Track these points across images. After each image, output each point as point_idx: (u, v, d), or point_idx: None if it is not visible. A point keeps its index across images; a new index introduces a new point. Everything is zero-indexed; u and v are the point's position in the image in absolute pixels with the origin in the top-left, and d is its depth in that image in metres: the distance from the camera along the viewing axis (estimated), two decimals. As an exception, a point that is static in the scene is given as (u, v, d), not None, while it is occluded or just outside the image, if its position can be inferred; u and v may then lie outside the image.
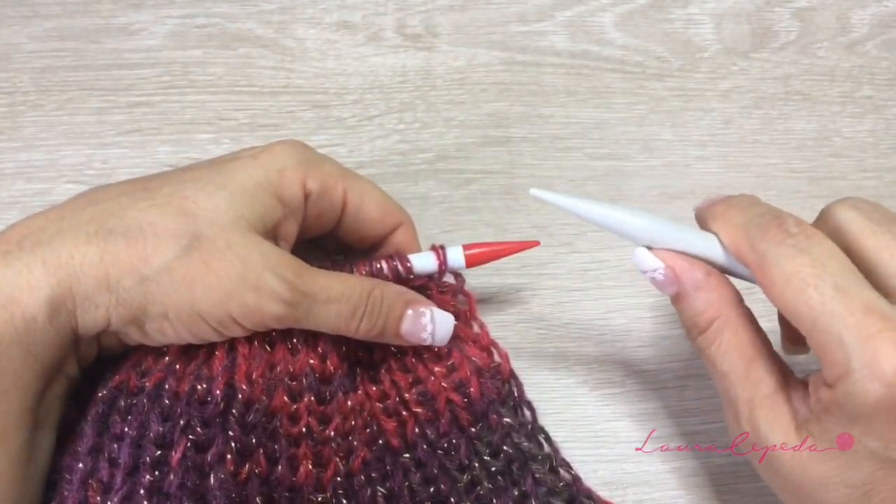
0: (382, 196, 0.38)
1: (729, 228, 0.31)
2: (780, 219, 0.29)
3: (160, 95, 0.49)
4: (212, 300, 0.32)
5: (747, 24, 0.53)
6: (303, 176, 0.35)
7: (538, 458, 0.37)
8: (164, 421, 0.33)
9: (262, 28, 0.51)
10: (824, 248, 0.28)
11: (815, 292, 0.27)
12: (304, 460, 0.34)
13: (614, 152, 0.49)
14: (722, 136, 0.50)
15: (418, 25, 0.52)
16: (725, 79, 0.51)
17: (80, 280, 0.31)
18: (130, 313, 0.32)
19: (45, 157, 0.48)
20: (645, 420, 0.42)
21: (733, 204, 0.32)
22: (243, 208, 0.33)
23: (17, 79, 0.49)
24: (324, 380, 0.36)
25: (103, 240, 0.31)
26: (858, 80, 0.52)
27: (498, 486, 0.36)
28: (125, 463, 0.32)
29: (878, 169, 0.49)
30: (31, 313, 0.30)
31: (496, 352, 0.39)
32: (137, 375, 0.35)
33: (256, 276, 0.32)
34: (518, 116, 0.50)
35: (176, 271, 0.31)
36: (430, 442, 0.36)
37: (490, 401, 0.37)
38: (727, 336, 0.31)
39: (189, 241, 0.31)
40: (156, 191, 0.33)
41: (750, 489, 0.41)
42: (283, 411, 0.34)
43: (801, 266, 0.27)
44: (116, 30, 0.51)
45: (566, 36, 0.52)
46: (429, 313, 0.36)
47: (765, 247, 0.29)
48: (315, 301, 0.33)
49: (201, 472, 0.32)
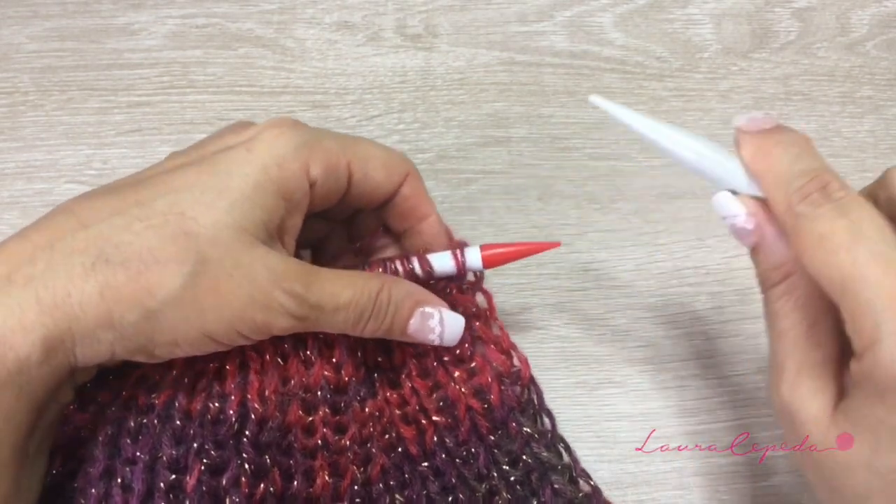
0: (384, 154, 0.36)
1: (769, 178, 0.28)
2: (823, 180, 0.27)
3: (160, 95, 0.49)
4: (221, 323, 0.30)
5: (747, 24, 0.53)
6: (304, 163, 0.33)
7: (557, 468, 0.36)
8: (177, 444, 0.32)
9: (262, 28, 0.51)
10: (864, 213, 0.26)
11: (847, 255, 0.25)
12: (321, 472, 0.34)
13: (614, 152, 0.49)
14: (722, 136, 0.50)
15: (418, 25, 0.52)
16: (725, 79, 0.51)
17: (80, 319, 0.29)
18: (136, 345, 0.30)
19: (45, 157, 0.48)
20: (645, 420, 0.42)
21: (780, 145, 0.29)
22: (244, 219, 0.31)
23: (17, 79, 0.49)
24: (338, 390, 0.35)
25: (101, 272, 0.29)
26: (858, 80, 0.52)
27: (517, 496, 0.35)
28: (139, 490, 0.31)
29: (878, 169, 0.48)
30: (25, 354, 0.28)
31: (515, 356, 0.38)
32: (145, 392, 0.34)
33: (265, 294, 0.31)
34: (518, 116, 0.50)
35: (183, 300, 0.30)
36: (449, 450, 0.36)
37: (510, 408, 0.36)
38: (798, 293, 0.29)
39: (193, 267, 0.30)
40: (149, 206, 0.30)
41: (750, 489, 0.41)
42: (297, 425, 0.34)
43: (836, 228, 0.26)
44: (116, 30, 0.51)
45: (566, 36, 0.52)
46: (437, 315, 0.35)
47: (802, 209, 0.27)
48: (324, 312, 0.32)
49: (216, 497, 0.32)
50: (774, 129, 0.30)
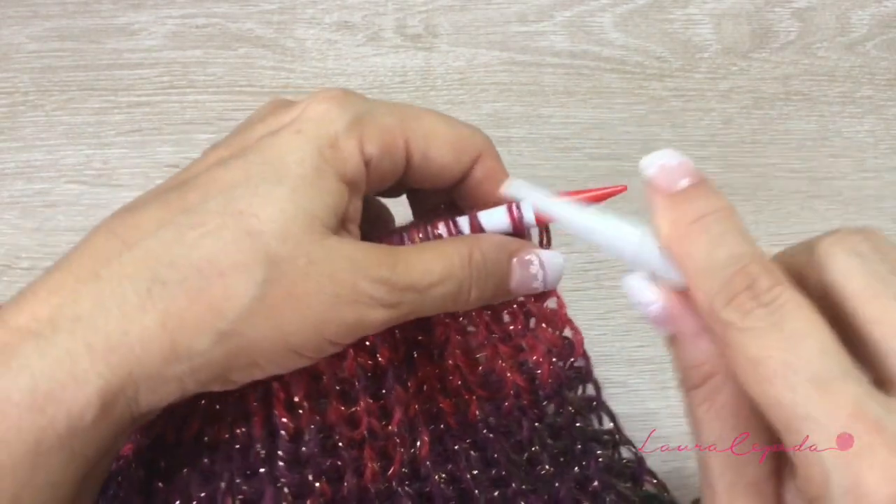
0: (451, 132, 0.31)
1: (687, 269, 0.24)
2: (749, 276, 0.23)
3: (160, 95, 0.49)
4: (305, 332, 0.26)
5: (747, 24, 0.53)
6: (358, 140, 0.28)
7: (601, 437, 0.35)
8: (206, 482, 0.29)
9: (262, 28, 0.51)
10: (801, 321, 0.22)
11: (786, 387, 0.21)
12: (369, 462, 0.31)
13: (614, 152, 0.49)
14: (722, 136, 0.50)
15: (418, 25, 0.52)
16: (725, 79, 0.51)
17: (142, 360, 0.25)
18: (211, 375, 0.26)
19: (45, 157, 0.48)
20: (645, 420, 0.42)
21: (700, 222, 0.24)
22: (313, 206, 0.26)
23: (17, 79, 0.49)
24: (377, 375, 0.32)
25: (159, 299, 0.25)
26: (858, 80, 0.52)
27: (560, 466, 0.33)
28: None
29: (878, 169, 0.49)
30: (78, 412, 0.24)
31: (570, 329, 0.35)
32: (174, 427, 0.31)
33: (351, 288, 0.26)
34: (518, 116, 0.49)
35: (258, 314, 0.25)
36: (491, 424, 0.33)
37: (559, 384, 0.34)
38: (722, 399, 0.25)
39: (264, 273, 0.25)
40: (200, 209, 0.26)
41: (750, 489, 0.41)
42: (340, 420, 0.31)
43: (770, 349, 0.21)
44: (116, 30, 0.51)
45: (566, 36, 0.52)
46: (536, 259, 0.31)
47: (728, 316, 0.22)
48: (419, 292, 0.28)
49: None
50: (691, 191, 0.25)
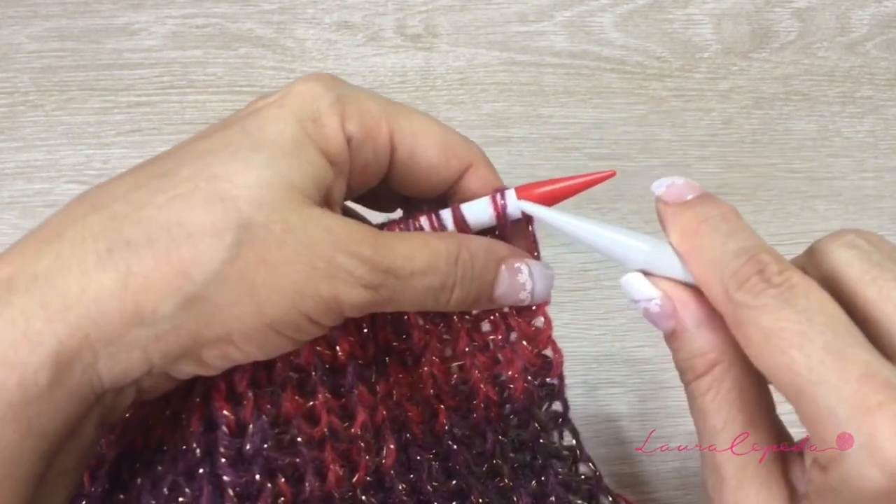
0: (443, 132, 0.30)
1: (699, 262, 0.25)
2: (760, 262, 0.24)
3: (160, 95, 0.49)
4: (281, 304, 0.25)
5: (747, 24, 0.53)
6: (340, 117, 0.27)
7: (561, 454, 0.35)
8: (154, 489, 0.28)
9: (262, 28, 0.51)
10: (812, 299, 0.23)
11: (801, 354, 0.22)
12: (332, 465, 0.30)
13: (614, 152, 0.49)
14: (722, 136, 0.50)
15: (418, 25, 0.52)
16: (725, 79, 0.51)
17: (99, 322, 0.23)
18: (178, 346, 0.24)
19: (45, 157, 0.48)
20: (645, 420, 0.42)
21: (708, 222, 0.26)
22: (291, 173, 0.25)
23: (17, 79, 0.49)
24: (335, 370, 0.30)
25: (122, 258, 0.23)
26: (858, 80, 0.52)
27: (518, 480, 0.33)
28: None
29: (877, 169, 0.49)
30: (32, 376, 0.22)
31: (552, 349, 0.34)
32: (142, 432, 0.29)
33: (328, 262, 0.25)
34: (518, 116, 0.49)
35: (228, 278, 0.24)
36: (457, 436, 0.33)
37: (529, 402, 0.34)
38: (727, 386, 0.26)
39: (235, 236, 0.24)
40: (173, 175, 0.25)
41: (750, 489, 0.41)
42: (297, 413, 0.29)
43: (783, 321, 0.22)
44: (116, 30, 0.51)
45: (566, 36, 0.52)
46: (526, 268, 0.30)
47: (741, 297, 0.23)
48: (399, 278, 0.26)
49: None
50: (698, 200, 0.27)
